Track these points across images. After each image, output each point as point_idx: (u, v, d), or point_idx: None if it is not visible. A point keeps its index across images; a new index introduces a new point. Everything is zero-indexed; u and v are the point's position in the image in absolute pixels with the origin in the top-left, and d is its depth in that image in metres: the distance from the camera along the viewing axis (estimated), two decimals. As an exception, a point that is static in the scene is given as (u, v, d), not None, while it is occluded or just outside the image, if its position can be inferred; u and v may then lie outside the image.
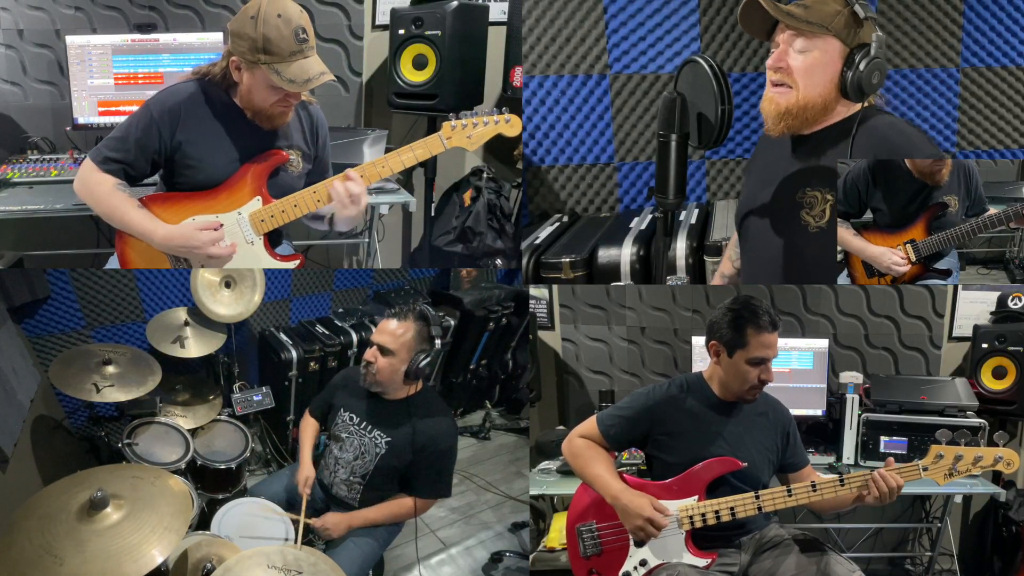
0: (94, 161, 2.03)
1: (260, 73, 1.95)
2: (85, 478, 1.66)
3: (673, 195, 1.80)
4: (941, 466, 1.78)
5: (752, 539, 1.90)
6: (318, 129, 2.24)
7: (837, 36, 1.75)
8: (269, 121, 2.06)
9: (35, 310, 2.64)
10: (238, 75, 2.00)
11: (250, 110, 2.05)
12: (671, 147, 1.76)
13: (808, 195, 1.87)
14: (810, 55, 1.76)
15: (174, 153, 2.05)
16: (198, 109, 2.05)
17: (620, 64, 3.20)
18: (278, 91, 1.98)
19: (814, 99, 1.79)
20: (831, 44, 1.76)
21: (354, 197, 2.03)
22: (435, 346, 2.17)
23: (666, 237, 1.92)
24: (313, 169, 2.24)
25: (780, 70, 1.79)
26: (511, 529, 3.10)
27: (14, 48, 3.12)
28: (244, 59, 1.95)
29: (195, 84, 2.07)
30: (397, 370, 2.13)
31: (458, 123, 2.09)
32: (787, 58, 1.78)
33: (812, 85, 1.78)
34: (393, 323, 2.13)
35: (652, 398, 1.95)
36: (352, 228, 2.25)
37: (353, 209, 2.05)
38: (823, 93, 1.79)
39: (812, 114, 1.81)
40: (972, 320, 2.94)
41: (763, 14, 1.78)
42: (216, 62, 2.07)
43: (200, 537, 1.94)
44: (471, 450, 3.76)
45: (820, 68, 1.77)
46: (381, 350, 2.12)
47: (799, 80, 1.78)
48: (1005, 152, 3.30)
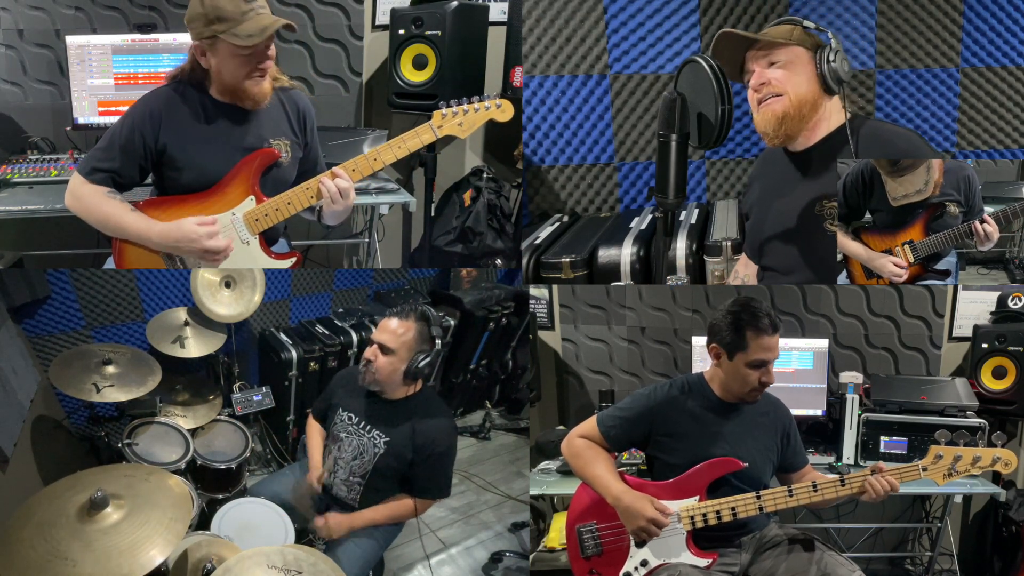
0: (82, 173, 2.04)
1: (221, 46, 1.95)
2: (75, 482, 1.66)
3: (673, 195, 1.80)
4: (940, 466, 1.79)
5: (753, 539, 1.90)
6: (304, 115, 2.22)
7: (800, 44, 1.94)
8: (251, 99, 2.04)
9: (35, 310, 2.64)
10: (205, 61, 2.00)
11: (228, 94, 2.04)
12: (671, 147, 1.76)
13: (827, 206, 1.99)
14: (784, 64, 1.94)
15: (160, 157, 2.05)
16: (177, 111, 2.05)
17: (620, 64, 3.20)
18: (245, 61, 1.97)
19: (804, 96, 1.95)
20: (797, 51, 1.94)
21: (343, 192, 2.05)
22: (435, 347, 2.16)
23: (666, 237, 1.93)
24: (305, 156, 2.23)
25: (764, 85, 1.96)
26: (511, 529, 3.09)
27: (14, 48, 3.12)
28: (203, 39, 1.96)
29: (172, 86, 2.08)
30: (397, 369, 2.13)
31: (448, 111, 2.09)
32: (767, 73, 1.95)
33: (798, 84, 1.94)
34: (394, 322, 2.13)
35: (653, 399, 1.95)
36: (338, 223, 2.25)
37: (341, 204, 2.07)
38: (810, 89, 1.95)
39: (807, 111, 1.96)
40: (972, 320, 2.94)
41: (735, 45, 1.98)
42: (182, 65, 2.07)
43: (200, 537, 1.94)
44: (471, 450, 3.76)
45: (799, 71, 1.94)
46: (382, 349, 2.12)
47: (785, 85, 1.94)
48: (1005, 152, 3.29)
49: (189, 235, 2.02)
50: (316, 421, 2.40)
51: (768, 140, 2.00)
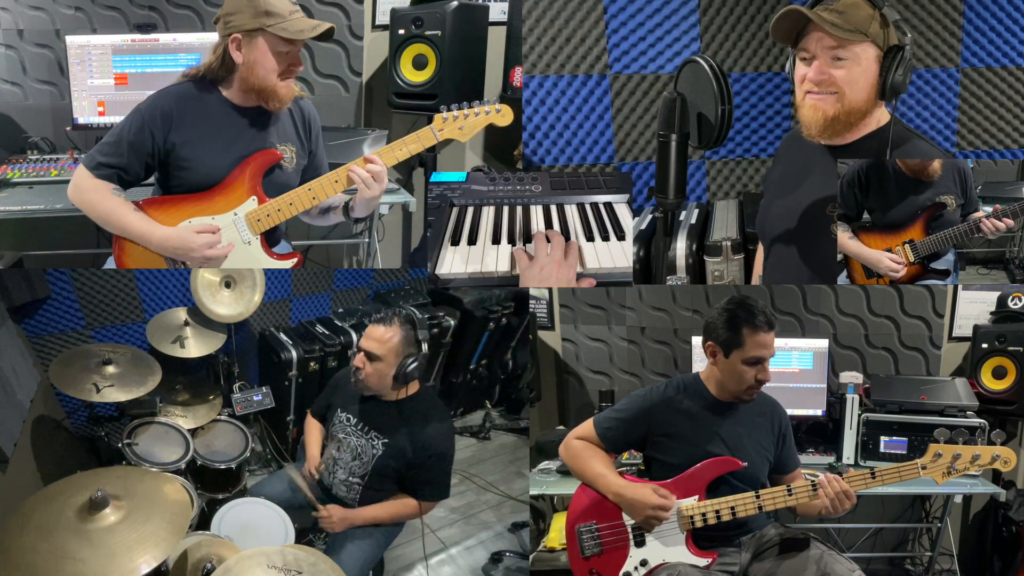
0: (87, 167, 2.03)
1: (262, 40, 1.96)
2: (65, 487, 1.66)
3: (673, 195, 1.80)
4: (939, 465, 1.79)
5: (752, 539, 1.90)
6: (311, 123, 2.24)
7: (873, 41, 1.74)
8: (278, 100, 2.05)
9: (35, 310, 2.64)
10: (238, 55, 1.99)
11: (253, 93, 2.04)
12: (671, 147, 1.76)
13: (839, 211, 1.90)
14: (850, 63, 1.75)
15: (168, 155, 2.05)
16: (190, 110, 2.05)
17: (620, 64, 3.20)
18: (283, 56, 1.99)
19: (859, 104, 1.79)
20: (867, 49, 1.75)
21: (376, 176, 2.05)
22: (423, 350, 2.17)
23: (666, 237, 1.92)
24: (308, 164, 2.24)
25: (823, 82, 1.77)
26: (511, 529, 3.09)
27: (14, 48, 3.12)
28: (245, 30, 1.96)
29: (186, 85, 2.08)
30: (385, 375, 2.14)
31: (449, 115, 2.10)
32: (828, 69, 1.77)
33: (857, 91, 1.77)
34: (380, 328, 2.14)
35: (649, 400, 1.95)
36: (369, 213, 2.26)
37: (376, 189, 2.06)
38: (867, 99, 1.79)
39: (856, 119, 1.81)
40: (972, 320, 2.94)
41: (797, 21, 1.76)
42: (208, 59, 2.07)
43: (200, 537, 1.94)
44: (471, 450, 3.76)
45: (861, 75, 1.76)
46: (368, 356, 2.12)
47: (844, 87, 1.77)
48: (1005, 152, 3.29)
49: (189, 244, 2.03)
50: (316, 420, 2.41)
51: (807, 134, 1.87)
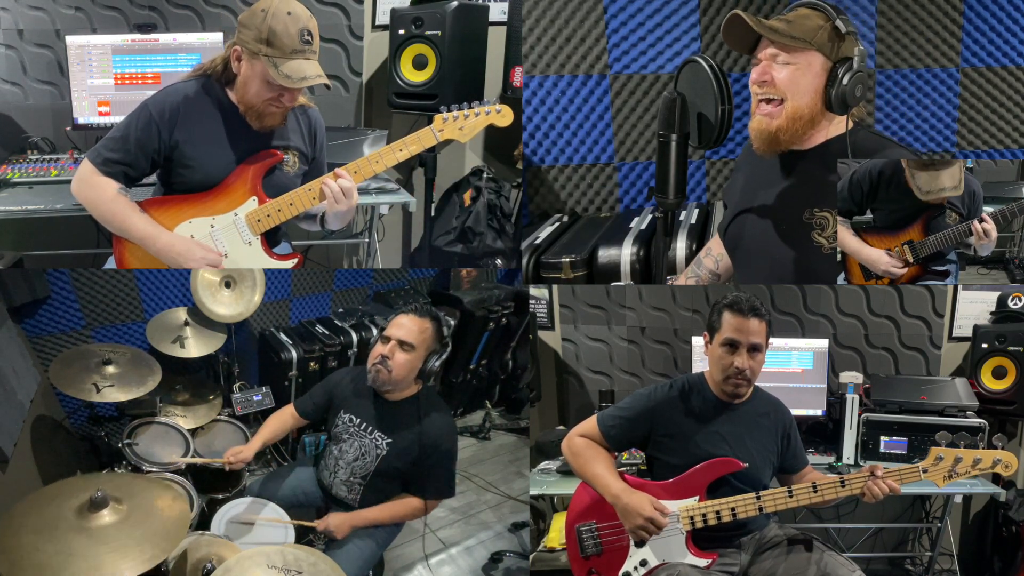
0: (94, 163, 2.02)
1: (259, 65, 1.96)
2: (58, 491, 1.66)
3: (673, 195, 1.80)
4: (940, 468, 1.79)
5: (752, 539, 1.90)
6: (316, 131, 2.25)
7: (820, 50, 1.74)
8: (259, 120, 2.06)
9: (35, 310, 2.64)
10: (237, 65, 2.01)
11: (243, 104, 2.05)
12: (671, 147, 1.76)
13: (818, 216, 1.86)
14: (794, 67, 1.75)
15: (172, 152, 2.05)
16: (197, 108, 2.05)
17: (620, 64, 3.20)
18: (272, 88, 1.98)
19: (802, 110, 1.78)
20: (814, 58, 1.75)
21: (346, 191, 2.06)
22: (447, 347, 2.16)
23: (666, 237, 1.92)
24: (309, 170, 2.24)
25: (765, 83, 1.78)
26: (511, 529, 3.09)
27: (14, 48, 3.12)
28: (246, 48, 1.96)
29: (194, 83, 2.08)
30: (415, 368, 2.12)
31: (449, 115, 2.11)
32: (771, 71, 1.77)
33: (799, 95, 1.77)
34: (413, 318, 2.12)
35: (653, 399, 1.95)
36: (343, 225, 2.26)
37: (344, 204, 2.07)
38: (810, 104, 1.78)
39: (801, 127, 1.80)
40: (972, 320, 2.94)
41: (745, 29, 1.77)
42: (216, 57, 2.08)
43: (200, 537, 1.94)
44: (471, 450, 3.76)
45: (804, 79, 1.76)
46: (401, 345, 2.09)
47: (786, 91, 1.77)
48: (1005, 152, 3.29)
49: (189, 255, 2.04)
50: (297, 416, 2.32)
51: (756, 148, 1.87)
